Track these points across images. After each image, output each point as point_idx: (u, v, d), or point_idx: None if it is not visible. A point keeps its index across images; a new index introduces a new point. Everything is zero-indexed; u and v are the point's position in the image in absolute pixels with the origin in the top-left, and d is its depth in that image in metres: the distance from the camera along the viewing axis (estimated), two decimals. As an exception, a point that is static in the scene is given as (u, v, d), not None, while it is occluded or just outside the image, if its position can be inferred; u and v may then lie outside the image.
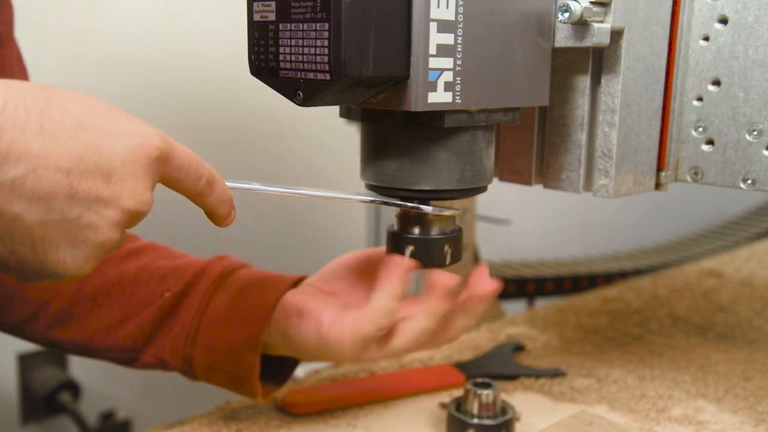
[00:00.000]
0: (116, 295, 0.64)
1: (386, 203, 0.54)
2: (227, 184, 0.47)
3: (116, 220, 0.39)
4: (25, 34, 0.73)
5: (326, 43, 0.44)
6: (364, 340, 0.54)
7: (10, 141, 0.36)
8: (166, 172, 0.42)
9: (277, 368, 0.64)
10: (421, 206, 0.53)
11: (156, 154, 0.41)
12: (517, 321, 0.93)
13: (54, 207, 0.37)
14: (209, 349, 0.61)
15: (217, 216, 0.47)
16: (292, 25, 0.46)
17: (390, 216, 0.95)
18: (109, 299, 0.64)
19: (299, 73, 0.47)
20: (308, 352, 0.58)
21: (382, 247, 0.60)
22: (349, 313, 0.55)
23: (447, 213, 0.54)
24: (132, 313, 0.64)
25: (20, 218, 0.37)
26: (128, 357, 0.64)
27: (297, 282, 0.63)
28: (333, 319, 0.56)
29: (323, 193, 0.53)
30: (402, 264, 0.54)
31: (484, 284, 0.56)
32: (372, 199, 0.54)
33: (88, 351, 0.66)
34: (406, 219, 0.56)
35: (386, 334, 0.55)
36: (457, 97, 0.48)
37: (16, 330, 0.67)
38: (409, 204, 0.53)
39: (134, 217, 0.40)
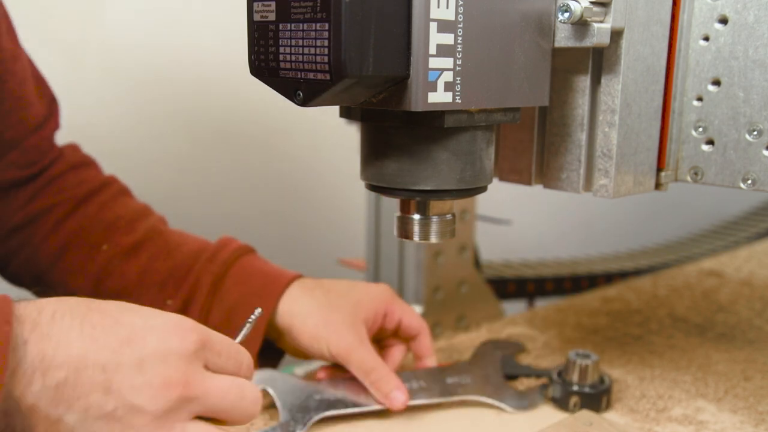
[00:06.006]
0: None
1: None
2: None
3: (150, 404, 0.42)
4: (25, 37, 0.73)
5: (326, 43, 0.44)
6: None
7: (56, 346, 0.40)
8: (208, 357, 0.45)
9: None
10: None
11: (194, 347, 0.44)
12: (517, 321, 0.93)
13: (92, 404, 0.41)
14: None
15: None
16: (292, 25, 0.46)
17: (390, 217, 0.94)
18: None
19: (299, 73, 0.47)
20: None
21: None
22: None
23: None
24: None
25: (62, 420, 0.41)
26: None
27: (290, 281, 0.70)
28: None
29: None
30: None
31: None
32: None
33: None
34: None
35: None
36: (457, 97, 0.48)
37: None
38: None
39: (183, 401, 0.43)
